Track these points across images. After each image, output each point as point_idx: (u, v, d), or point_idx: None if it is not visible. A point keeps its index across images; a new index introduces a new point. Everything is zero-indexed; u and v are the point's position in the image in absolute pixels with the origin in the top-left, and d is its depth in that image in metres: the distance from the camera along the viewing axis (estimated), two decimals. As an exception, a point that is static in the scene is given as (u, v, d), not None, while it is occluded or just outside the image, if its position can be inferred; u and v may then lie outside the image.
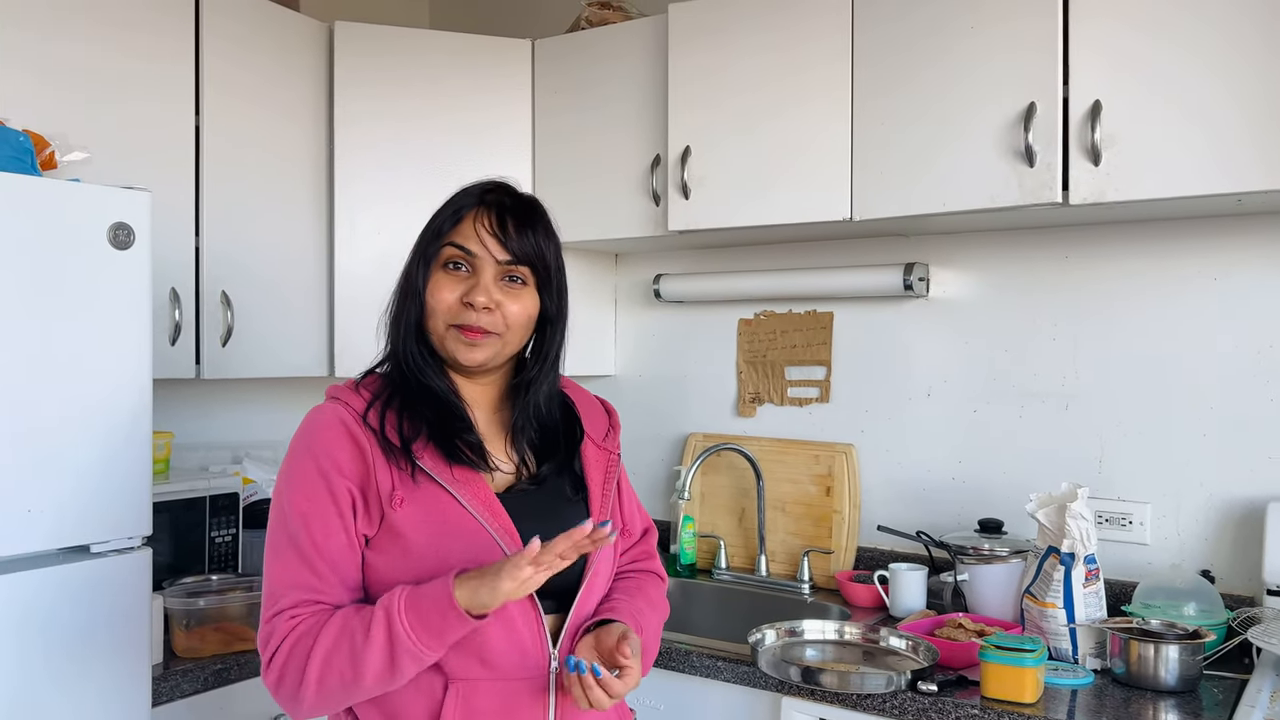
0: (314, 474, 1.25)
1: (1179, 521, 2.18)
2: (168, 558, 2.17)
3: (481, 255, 1.30)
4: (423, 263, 1.32)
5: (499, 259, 1.31)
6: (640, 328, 2.95)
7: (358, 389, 1.33)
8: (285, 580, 1.23)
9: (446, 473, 1.27)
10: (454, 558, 1.22)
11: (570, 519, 1.31)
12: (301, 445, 1.28)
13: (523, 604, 1.26)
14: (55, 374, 1.63)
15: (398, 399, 1.30)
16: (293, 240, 2.48)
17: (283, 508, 1.26)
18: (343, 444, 1.26)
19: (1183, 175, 1.82)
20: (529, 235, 1.32)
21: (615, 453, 1.46)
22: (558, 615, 1.31)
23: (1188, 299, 2.17)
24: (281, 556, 1.24)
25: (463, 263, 1.31)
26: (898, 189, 2.12)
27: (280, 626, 1.22)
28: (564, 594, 1.31)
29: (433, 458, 1.27)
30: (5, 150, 1.72)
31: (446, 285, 1.30)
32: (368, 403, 1.30)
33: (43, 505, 1.62)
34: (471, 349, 1.30)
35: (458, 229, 1.31)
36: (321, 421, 1.29)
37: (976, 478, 2.41)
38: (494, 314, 1.30)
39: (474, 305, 1.29)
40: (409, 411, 1.29)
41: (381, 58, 2.56)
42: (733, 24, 2.32)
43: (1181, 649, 1.78)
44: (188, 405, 2.62)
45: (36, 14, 1.97)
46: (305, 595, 1.22)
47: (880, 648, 2.02)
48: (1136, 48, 1.86)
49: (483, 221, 1.31)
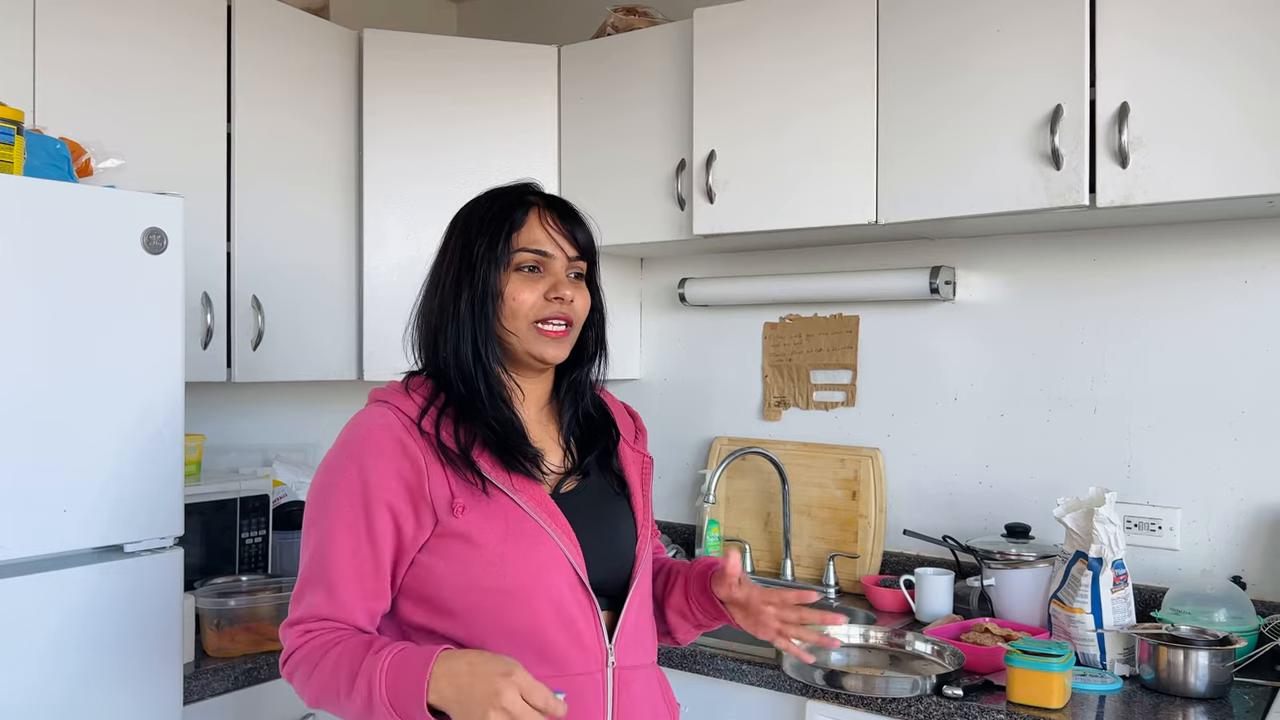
0: (353, 490, 1.24)
1: (1209, 526, 2.15)
2: (199, 559, 2.20)
3: (555, 254, 1.33)
4: (494, 266, 1.31)
5: (570, 255, 1.34)
6: (665, 332, 2.96)
7: (408, 391, 1.32)
8: (309, 581, 1.25)
9: (505, 479, 1.27)
10: (514, 557, 1.24)
11: (617, 515, 1.38)
12: (346, 454, 1.26)
13: (579, 599, 1.27)
14: (90, 377, 1.66)
15: (452, 404, 1.30)
16: (322, 244, 2.51)
17: (318, 513, 1.26)
18: (391, 455, 1.24)
19: (1213, 177, 1.80)
20: (584, 229, 1.37)
21: (648, 456, 1.49)
22: (610, 612, 1.33)
23: (1218, 302, 2.15)
24: (308, 565, 1.26)
25: (537, 264, 1.33)
26: (923, 192, 2.11)
27: (292, 637, 1.24)
28: (615, 591, 1.33)
29: (490, 464, 1.27)
30: (43, 157, 1.75)
31: (526, 286, 1.31)
32: (421, 408, 1.29)
33: (78, 505, 1.65)
34: (558, 344, 1.33)
35: (525, 231, 1.32)
36: (370, 429, 1.27)
37: (1003, 482, 2.40)
38: (571, 307, 1.33)
39: (563, 298, 1.31)
40: (465, 418, 1.29)
41: (410, 65, 2.59)
42: (757, 28, 2.32)
43: (1212, 655, 1.76)
44: (219, 408, 2.66)
45: (74, 25, 2.01)
46: (322, 610, 1.24)
47: (906, 652, 2.02)
48: (1166, 47, 1.84)
49: (549, 220, 1.34)
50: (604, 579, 1.31)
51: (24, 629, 1.58)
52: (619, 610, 1.33)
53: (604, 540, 1.34)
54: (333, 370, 2.54)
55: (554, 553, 1.26)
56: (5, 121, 1.63)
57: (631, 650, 1.33)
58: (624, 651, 1.32)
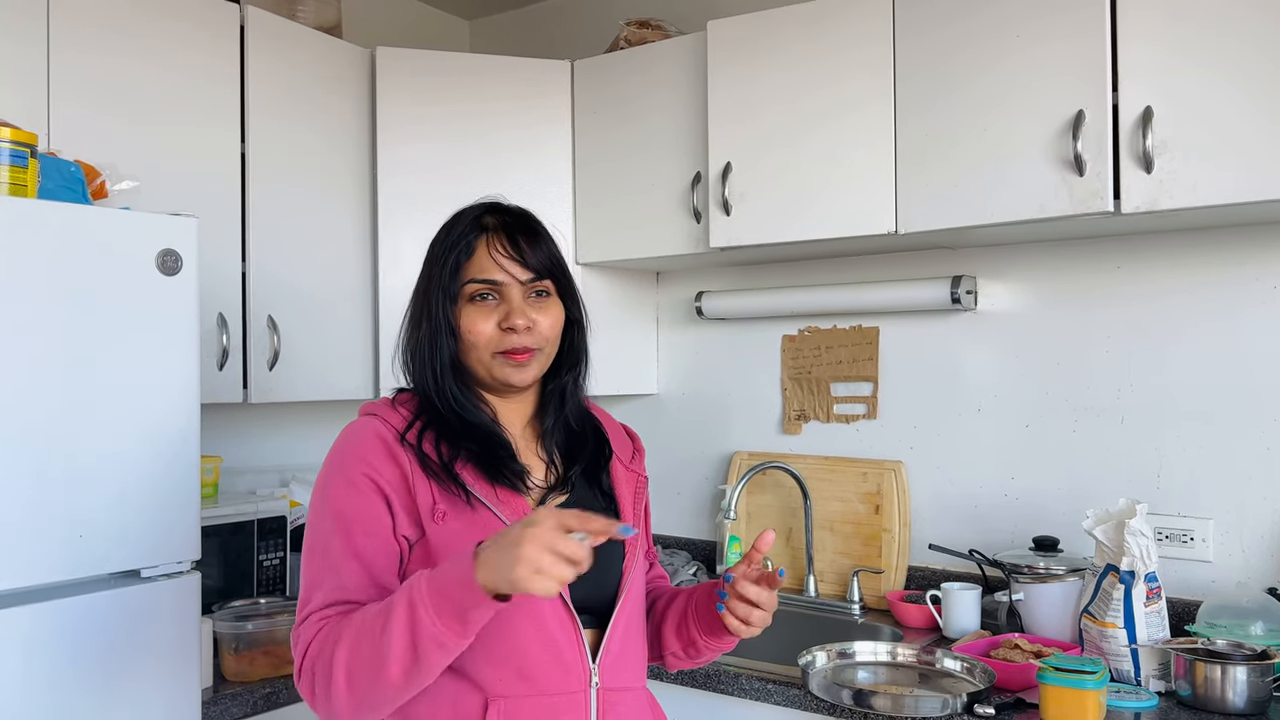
0: (353, 477, 1.24)
1: (1243, 538, 2.11)
2: (216, 581, 2.18)
3: (506, 281, 1.31)
4: (446, 298, 1.31)
5: (522, 279, 1.32)
6: (683, 346, 2.93)
7: (394, 406, 1.33)
8: (314, 581, 1.23)
9: (489, 491, 1.27)
10: None
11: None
12: (338, 457, 1.28)
13: (560, 617, 1.25)
14: (106, 399, 1.65)
15: (434, 424, 1.30)
16: (337, 263, 2.50)
17: (318, 513, 1.26)
18: (381, 455, 1.26)
19: (1239, 181, 1.77)
20: (542, 247, 1.34)
21: (643, 475, 1.46)
22: (595, 630, 1.30)
23: (1247, 308, 2.11)
24: (313, 561, 1.24)
25: (489, 293, 1.31)
26: (943, 201, 2.08)
27: (307, 630, 1.20)
28: (600, 609, 1.31)
29: (474, 475, 1.27)
30: (57, 180, 1.75)
31: (480, 317, 1.30)
32: (407, 421, 1.30)
33: (94, 530, 1.63)
34: (522, 370, 1.32)
35: (473, 261, 1.32)
36: (359, 435, 1.29)
37: (1030, 494, 2.36)
38: (533, 331, 1.31)
39: (515, 329, 1.30)
40: (447, 436, 1.29)
41: (423, 82, 2.58)
42: (771, 38, 2.31)
43: (1250, 670, 1.71)
44: (235, 429, 2.65)
45: (88, 49, 2.01)
46: (334, 595, 1.21)
47: (934, 670, 1.98)
48: (1189, 51, 1.81)
49: (496, 247, 1.32)
50: (588, 596, 1.27)
51: (41, 656, 1.56)
52: (604, 629, 1.30)
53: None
54: (349, 390, 2.53)
55: None
56: (19, 145, 1.63)
57: (617, 672, 1.30)
58: (609, 673, 1.29)
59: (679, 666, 1.46)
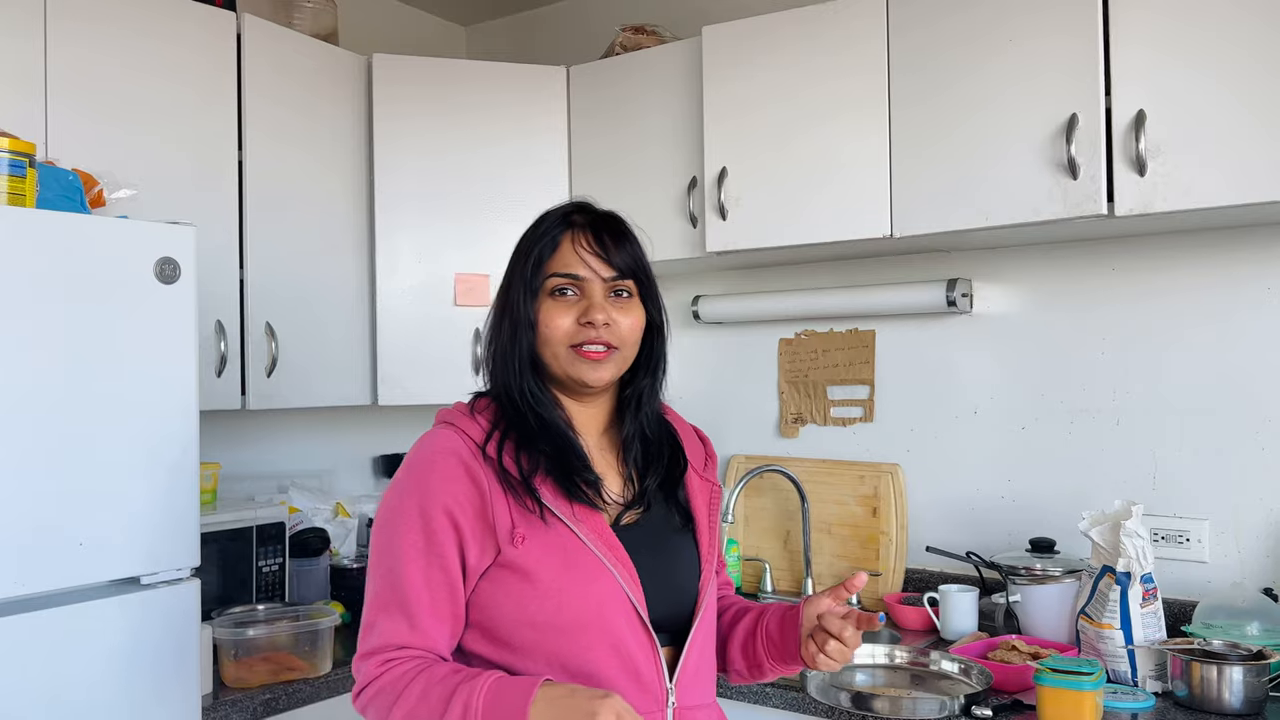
0: (427, 509, 1.22)
1: (1239, 538, 2.12)
2: (215, 588, 2.18)
3: (589, 276, 1.29)
4: (528, 293, 1.30)
5: (605, 276, 1.30)
6: (679, 349, 2.94)
7: (473, 414, 1.31)
8: (380, 609, 1.23)
9: (567, 508, 1.25)
10: (573, 590, 1.21)
11: (680, 549, 1.33)
12: (412, 478, 1.25)
13: (639, 637, 1.24)
14: (104, 407, 1.65)
15: (514, 429, 1.28)
16: (335, 269, 2.51)
17: (387, 539, 1.24)
18: (458, 479, 1.23)
19: (1233, 183, 1.78)
20: (627, 247, 1.32)
21: (717, 485, 1.44)
22: (670, 648, 1.29)
23: (1242, 309, 2.12)
24: (379, 592, 1.23)
25: (570, 288, 1.30)
26: (938, 204, 2.09)
27: (369, 668, 1.21)
28: (676, 628, 1.30)
29: (552, 492, 1.25)
30: (55, 189, 1.76)
31: (559, 311, 1.29)
32: (486, 432, 1.28)
33: (93, 538, 1.64)
34: (596, 368, 1.29)
35: (557, 255, 1.30)
36: (435, 452, 1.25)
37: (1027, 496, 2.37)
38: (611, 329, 1.29)
39: (594, 323, 1.27)
40: (526, 444, 1.27)
41: (419, 88, 2.59)
42: (766, 43, 2.32)
43: (1246, 670, 1.72)
44: (234, 436, 2.65)
45: (84, 57, 2.02)
46: (395, 640, 1.21)
47: (932, 671, 1.98)
48: (1182, 54, 1.83)
49: (581, 243, 1.30)
50: (665, 615, 1.26)
51: (41, 663, 1.57)
52: (680, 647, 1.29)
53: (665, 575, 1.29)
54: (347, 396, 2.53)
55: (612, 587, 1.23)
56: (18, 155, 1.63)
57: (692, 690, 1.29)
58: (685, 691, 1.28)
59: (739, 683, 1.45)
